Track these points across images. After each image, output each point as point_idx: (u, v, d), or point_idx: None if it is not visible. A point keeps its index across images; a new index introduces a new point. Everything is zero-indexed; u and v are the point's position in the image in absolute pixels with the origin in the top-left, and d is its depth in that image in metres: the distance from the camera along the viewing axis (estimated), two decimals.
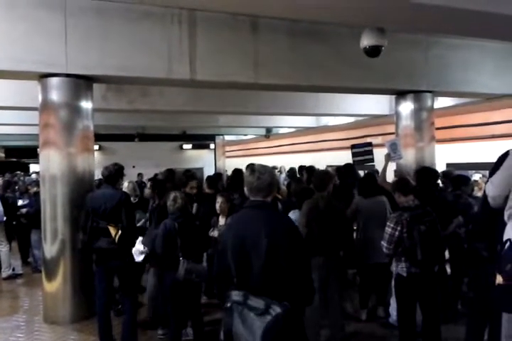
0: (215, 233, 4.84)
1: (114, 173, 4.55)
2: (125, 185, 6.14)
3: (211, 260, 5.60)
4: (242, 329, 2.15)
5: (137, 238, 4.45)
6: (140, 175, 13.43)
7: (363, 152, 6.84)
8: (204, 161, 20.61)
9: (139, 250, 4.45)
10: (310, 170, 7.51)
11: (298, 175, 8.59)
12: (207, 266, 4.51)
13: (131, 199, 5.55)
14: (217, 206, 5.04)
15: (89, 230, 4.39)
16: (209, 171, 17.48)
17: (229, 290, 2.30)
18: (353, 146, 7.01)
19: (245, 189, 2.52)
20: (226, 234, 2.44)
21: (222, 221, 4.92)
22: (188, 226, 4.18)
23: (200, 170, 18.18)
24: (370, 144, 7.00)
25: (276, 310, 2.15)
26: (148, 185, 6.41)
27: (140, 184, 10.11)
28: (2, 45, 4.92)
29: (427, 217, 3.96)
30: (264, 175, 2.47)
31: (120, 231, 4.26)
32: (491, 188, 2.62)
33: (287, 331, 2.16)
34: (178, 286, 4.08)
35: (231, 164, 18.92)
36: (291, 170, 9.74)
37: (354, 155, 6.90)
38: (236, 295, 2.24)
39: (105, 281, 4.46)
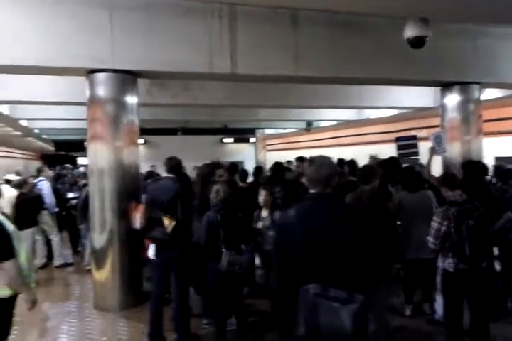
0: (259, 224, 4.88)
1: (177, 165, 4.65)
2: None
3: (255, 251, 5.66)
4: (329, 320, 2.17)
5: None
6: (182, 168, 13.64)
7: (407, 145, 6.73)
8: (244, 155, 20.76)
9: None
10: (351, 163, 7.45)
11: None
12: (249, 257, 4.57)
13: None
14: (261, 199, 5.09)
15: (146, 220, 4.52)
16: (249, 164, 17.59)
17: (297, 284, 2.28)
18: (397, 139, 6.89)
19: (305, 180, 2.55)
20: (292, 226, 2.38)
21: (264, 213, 4.96)
22: (231, 218, 4.25)
23: (241, 163, 18.32)
24: (414, 137, 6.87)
25: (359, 297, 2.20)
26: None
27: None
28: (51, 43, 5.11)
29: (475, 211, 3.87)
30: (323, 166, 2.48)
31: (174, 223, 4.34)
32: None
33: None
34: (220, 277, 4.17)
35: (271, 157, 18.95)
36: None
37: (399, 148, 6.79)
38: (314, 288, 2.24)
39: (161, 270, 4.56)
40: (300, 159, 6.02)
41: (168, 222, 4.34)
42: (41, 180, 7.94)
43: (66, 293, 6.54)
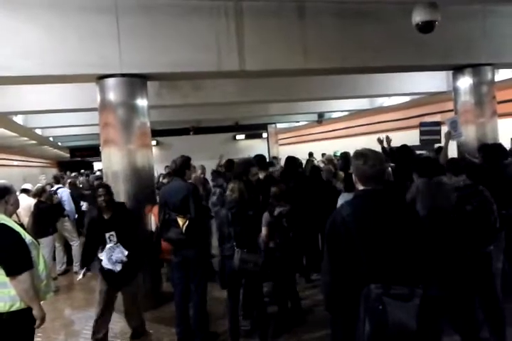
0: None
1: (181, 166, 4.67)
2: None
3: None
4: (397, 318, 2.16)
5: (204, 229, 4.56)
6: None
7: (430, 131, 6.55)
8: (257, 150, 20.68)
9: (119, 258, 4.41)
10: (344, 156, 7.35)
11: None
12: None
13: None
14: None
15: (161, 222, 4.56)
16: None
17: (355, 283, 2.26)
18: (421, 124, 6.71)
19: (356, 177, 2.46)
20: (348, 224, 2.30)
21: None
22: (242, 216, 4.26)
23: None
24: (438, 124, 6.66)
25: (419, 291, 2.20)
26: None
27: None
28: (61, 51, 5.14)
29: (476, 197, 3.84)
30: (378, 162, 2.41)
31: (188, 222, 4.37)
32: None
33: None
34: (235, 275, 4.21)
35: (284, 151, 18.89)
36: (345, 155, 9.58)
37: (422, 133, 6.61)
38: (377, 288, 2.20)
39: (181, 270, 4.59)
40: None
41: (181, 222, 4.39)
42: (60, 188, 8.02)
43: (87, 298, 6.54)
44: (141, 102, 5.67)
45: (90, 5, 5.16)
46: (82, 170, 18.75)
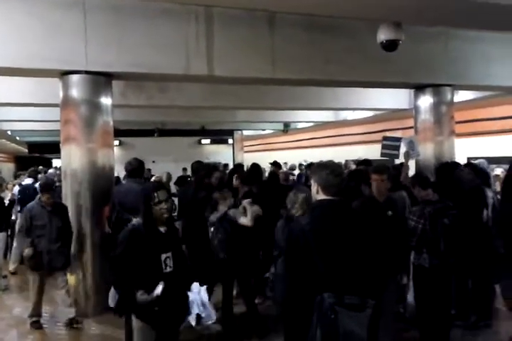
0: None
1: (137, 167, 4.66)
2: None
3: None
4: (349, 327, 2.19)
5: None
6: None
7: (391, 146, 6.73)
8: (222, 156, 20.67)
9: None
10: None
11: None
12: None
13: None
14: None
15: (113, 222, 4.50)
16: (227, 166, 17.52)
17: (310, 292, 2.28)
18: (384, 138, 6.91)
19: (319, 187, 2.47)
20: (307, 234, 2.33)
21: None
22: None
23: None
24: (399, 140, 6.86)
25: (371, 302, 2.25)
26: None
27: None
28: (23, 44, 5.02)
29: (450, 210, 4.01)
30: (339, 173, 2.47)
31: None
32: None
33: None
34: None
35: (249, 158, 18.96)
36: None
37: (383, 147, 6.80)
38: (329, 297, 2.23)
39: None
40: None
41: None
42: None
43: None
44: (105, 101, 5.59)
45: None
46: (41, 167, 18.21)
